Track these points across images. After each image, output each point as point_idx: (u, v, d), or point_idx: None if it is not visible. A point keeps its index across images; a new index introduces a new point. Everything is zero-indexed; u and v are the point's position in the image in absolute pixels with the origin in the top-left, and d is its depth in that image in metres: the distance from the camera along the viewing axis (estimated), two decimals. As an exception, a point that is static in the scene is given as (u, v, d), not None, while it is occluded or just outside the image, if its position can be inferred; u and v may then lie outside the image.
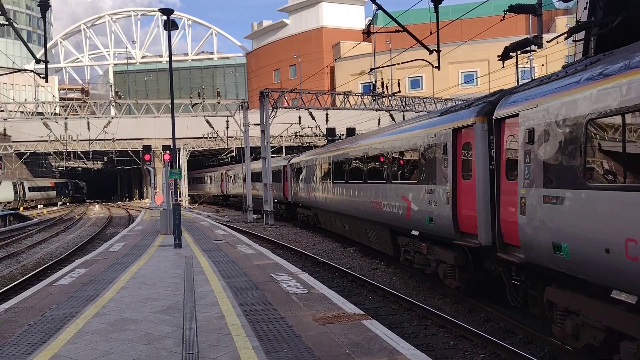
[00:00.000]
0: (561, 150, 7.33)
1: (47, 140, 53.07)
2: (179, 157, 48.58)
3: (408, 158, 14.17)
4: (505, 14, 12.12)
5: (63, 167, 75.65)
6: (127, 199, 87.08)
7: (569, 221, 7.07)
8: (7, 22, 16.43)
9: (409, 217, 13.75)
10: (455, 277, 11.62)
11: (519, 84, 9.73)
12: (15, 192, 60.11)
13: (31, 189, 64.99)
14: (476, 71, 62.77)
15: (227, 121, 48.22)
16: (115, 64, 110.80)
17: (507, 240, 9.12)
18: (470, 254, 11.14)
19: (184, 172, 55.98)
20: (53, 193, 74.18)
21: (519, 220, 8.31)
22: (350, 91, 39.62)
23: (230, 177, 53.88)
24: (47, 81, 19.67)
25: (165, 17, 19.95)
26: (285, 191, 32.98)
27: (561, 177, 7.30)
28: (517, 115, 8.70)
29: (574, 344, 7.53)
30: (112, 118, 50.74)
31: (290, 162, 32.36)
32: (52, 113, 50.42)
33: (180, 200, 34.11)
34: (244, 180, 43.54)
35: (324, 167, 24.00)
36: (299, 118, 43.06)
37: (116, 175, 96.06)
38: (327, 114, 40.22)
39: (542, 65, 47.13)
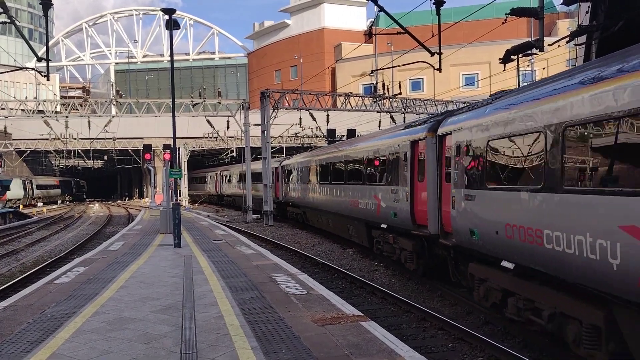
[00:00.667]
0: (473, 162, 9.97)
1: (47, 139, 53.06)
2: (179, 157, 48.56)
3: (378, 163, 16.77)
4: (507, 17, 12.12)
5: (63, 165, 75.75)
6: (127, 198, 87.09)
7: (477, 213, 9.72)
8: (9, 20, 16.44)
9: (379, 213, 16.25)
10: (413, 262, 14.17)
11: (463, 107, 12.45)
12: (25, 189, 62.78)
13: (38, 187, 67.41)
14: (477, 74, 62.78)
15: (228, 121, 48.24)
16: (116, 63, 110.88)
17: (446, 229, 11.66)
18: (425, 242, 13.45)
19: (184, 171, 56.01)
20: (58, 191, 76.37)
21: (451, 213, 10.92)
22: (351, 92, 39.63)
23: (225, 177, 56.30)
24: (48, 79, 19.66)
25: (167, 17, 19.96)
26: (277, 191, 34.61)
27: (473, 181, 9.92)
28: (450, 133, 11.34)
29: (485, 304, 10.12)
30: (113, 117, 50.75)
31: (282, 164, 34.32)
32: (53, 111, 50.40)
33: (180, 200, 34.18)
34: (238, 180, 47.68)
35: (312, 170, 26.27)
36: (300, 119, 43.08)
37: (116, 174, 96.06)
38: (327, 115, 40.24)
39: (544, 68, 47.13)
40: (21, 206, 52.65)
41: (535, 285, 8.23)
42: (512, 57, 12.72)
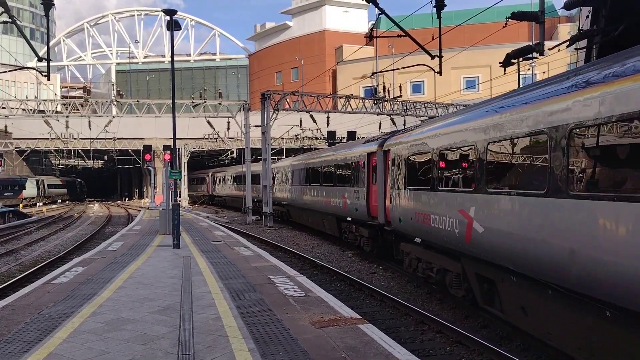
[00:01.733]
0: (400, 170, 14.14)
1: (48, 138, 53.09)
2: (179, 158, 48.55)
3: (344, 169, 21.25)
4: (507, 20, 12.12)
5: (63, 165, 75.97)
6: (127, 198, 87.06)
7: (401, 206, 13.96)
8: (10, 20, 16.44)
9: (346, 209, 20.61)
10: (369, 245, 18.42)
11: (406, 127, 18.20)
12: (38, 189, 66.40)
13: (49, 187, 71.03)
14: (478, 77, 62.80)
15: (228, 122, 48.24)
16: (117, 63, 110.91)
17: (388, 219, 15.97)
18: (378, 230, 17.44)
19: (184, 172, 56.00)
20: (65, 190, 79.88)
21: (390, 207, 15.31)
22: (351, 94, 39.63)
23: (215, 179, 61.05)
24: (49, 79, 19.66)
25: (168, 18, 19.98)
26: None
27: (401, 183, 14.00)
28: (389, 149, 15.73)
29: (409, 271, 14.24)
30: (114, 117, 50.79)
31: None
32: (53, 111, 50.41)
33: (179, 201, 34.17)
34: (226, 182, 54.73)
35: (294, 173, 30.36)
36: (300, 120, 43.04)
37: (116, 174, 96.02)
38: (328, 117, 40.22)
39: (544, 72, 47.14)
40: (21, 205, 52.63)
41: (431, 252, 12.20)
42: (513, 60, 12.71)
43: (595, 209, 6.27)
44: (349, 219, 20.21)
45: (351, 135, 38.66)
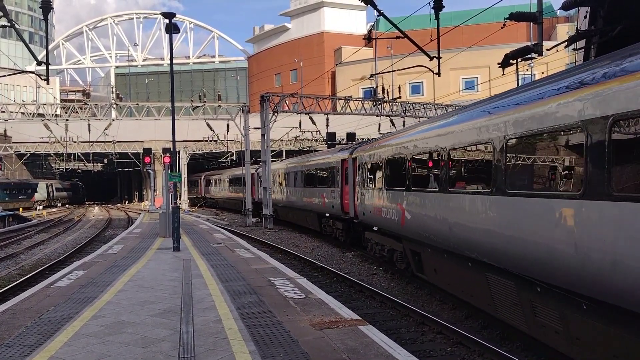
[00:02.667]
0: (363, 174, 17.82)
1: (47, 142, 53.04)
2: (179, 160, 48.59)
3: (323, 172, 25.09)
4: (506, 21, 12.13)
5: (63, 168, 76.14)
6: (127, 201, 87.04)
7: (365, 202, 17.54)
8: (9, 24, 16.45)
9: (324, 206, 24.41)
10: (343, 235, 22.24)
11: (369, 139, 23.12)
12: (48, 192, 70.26)
13: (57, 190, 75.40)
14: (477, 77, 62.84)
15: (228, 125, 48.25)
16: (116, 66, 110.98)
17: (356, 213, 19.29)
18: (350, 223, 21.07)
19: (184, 175, 55.99)
20: (70, 193, 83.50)
21: (357, 203, 18.88)
22: (351, 96, 39.61)
23: (207, 182, 65.71)
24: (48, 83, 19.69)
25: (167, 21, 19.99)
26: (253, 193, 41.15)
27: (364, 184, 17.62)
28: (356, 157, 19.34)
29: (371, 254, 17.79)
30: (113, 120, 50.80)
31: (257, 170, 40.61)
32: (52, 114, 50.41)
33: (179, 203, 34.17)
34: (216, 184, 60.14)
35: (281, 176, 33.97)
36: (300, 122, 43.04)
37: (116, 177, 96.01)
38: (327, 119, 40.19)
39: (542, 72, 47.17)
40: (20, 209, 52.63)
41: (384, 237, 15.93)
42: (511, 61, 12.73)
43: (459, 198, 10.07)
44: (327, 214, 24.19)
45: (350, 136, 38.67)
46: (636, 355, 6.01)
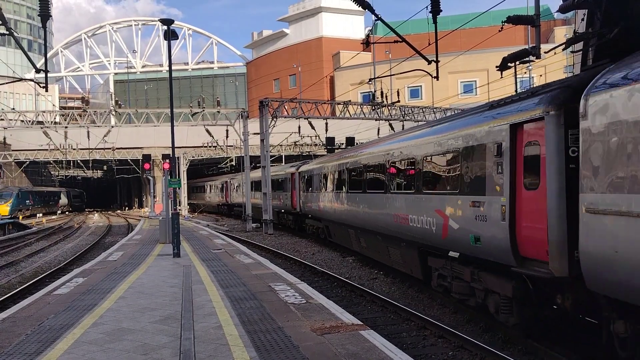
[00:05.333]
0: (303, 182, 28.30)
1: (47, 149, 53.04)
2: (178, 166, 48.56)
3: (280, 181, 34.05)
4: (503, 24, 12.13)
5: (63, 176, 76.24)
6: (127, 208, 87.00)
7: (302, 200, 28.37)
8: (7, 32, 16.45)
9: (281, 204, 33.70)
10: (293, 224, 31.99)
11: (310, 159, 34.15)
12: (68, 199, 79.98)
13: (73, 197, 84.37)
14: (475, 81, 62.85)
15: (227, 130, 48.27)
16: (115, 73, 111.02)
17: (305, 211, 27.72)
18: (297, 215, 30.70)
19: (184, 181, 55.94)
20: (80, 199, 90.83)
21: (300, 202, 28.78)
22: (349, 101, 39.66)
23: (194, 189, 72.36)
24: (47, 90, 19.67)
25: (165, 27, 20.02)
26: (227, 197, 53.88)
27: (306, 189, 27.28)
28: (300, 172, 29.37)
29: (308, 233, 28.23)
30: (112, 127, 50.75)
31: (230, 179, 52.84)
32: (52, 122, 50.38)
33: (179, 209, 34.18)
34: (202, 191, 68.59)
35: (247, 184, 40.22)
36: (299, 127, 43.09)
37: (116, 184, 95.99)
38: (326, 123, 40.24)
39: (541, 75, 47.25)
40: (20, 217, 52.63)
41: (314, 220, 26.17)
42: (509, 64, 12.72)
43: (345, 195, 19.63)
44: (282, 210, 34.10)
45: (350, 141, 38.64)
46: (373, 243, 16.87)
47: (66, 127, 47.78)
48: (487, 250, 9.35)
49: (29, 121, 48.64)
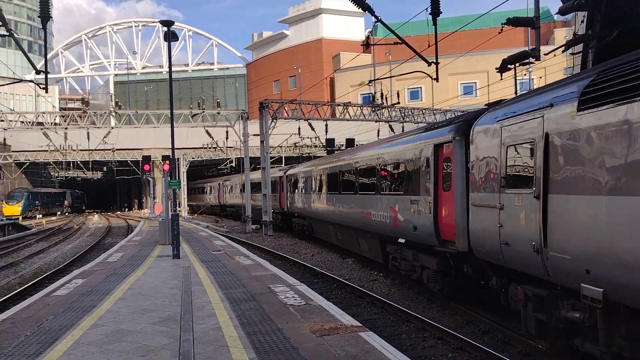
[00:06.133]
0: (290, 185, 31.10)
1: (47, 150, 53.03)
2: (178, 167, 48.54)
3: (271, 184, 34.32)
4: (503, 26, 12.13)
5: (62, 177, 76.21)
6: (127, 209, 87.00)
7: (289, 200, 31.29)
8: (7, 33, 16.46)
9: (272, 204, 33.48)
10: (281, 222, 34.25)
11: (296, 164, 37.07)
12: (72, 199, 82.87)
13: (76, 197, 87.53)
14: (475, 82, 62.89)
15: (227, 131, 48.28)
16: (115, 74, 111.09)
17: (292, 210, 30.67)
18: (285, 214, 33.35)
19: (183, 182, 55.95)
20: (82, 200, 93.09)
21: (288, 202, 31.74)
22: (349, 102, 39.67)
23: (196, 190, 73.81)
24: (47, 91, 19.68)
25: (166, 29, 20.03)
26: (220, 198, 57.45)
27: (292, 190, 30.48)
28: (287, 175, 32.00)
29: (296, 229, 31.20)
30: (112, 128, 50.79)
31: (224, 182, 55.67)
32: (52, 123, 50.43)
33: (179, 211, 34.18)
34: (195, 192, 71.69)
35: (232, 186, 47.19)
36: (299, 129, 43.10)
37: (115, 185, 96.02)
38: (326, 125, 40.27)
39: (541, 77, 47.26)
40: (20, 218, 52.63)
41: (300, 219, 29.50)
42: (509, 66, 12.72)
43: (324, 196, 23.11)
44: (273, 210, 34.25)
45: (350, 142, 38.67)
46: (347, 237, 20.21)
47: (66, 128, 47.83)
48: (421, 236, 12.58)
49: (29, 122, 48.67)
